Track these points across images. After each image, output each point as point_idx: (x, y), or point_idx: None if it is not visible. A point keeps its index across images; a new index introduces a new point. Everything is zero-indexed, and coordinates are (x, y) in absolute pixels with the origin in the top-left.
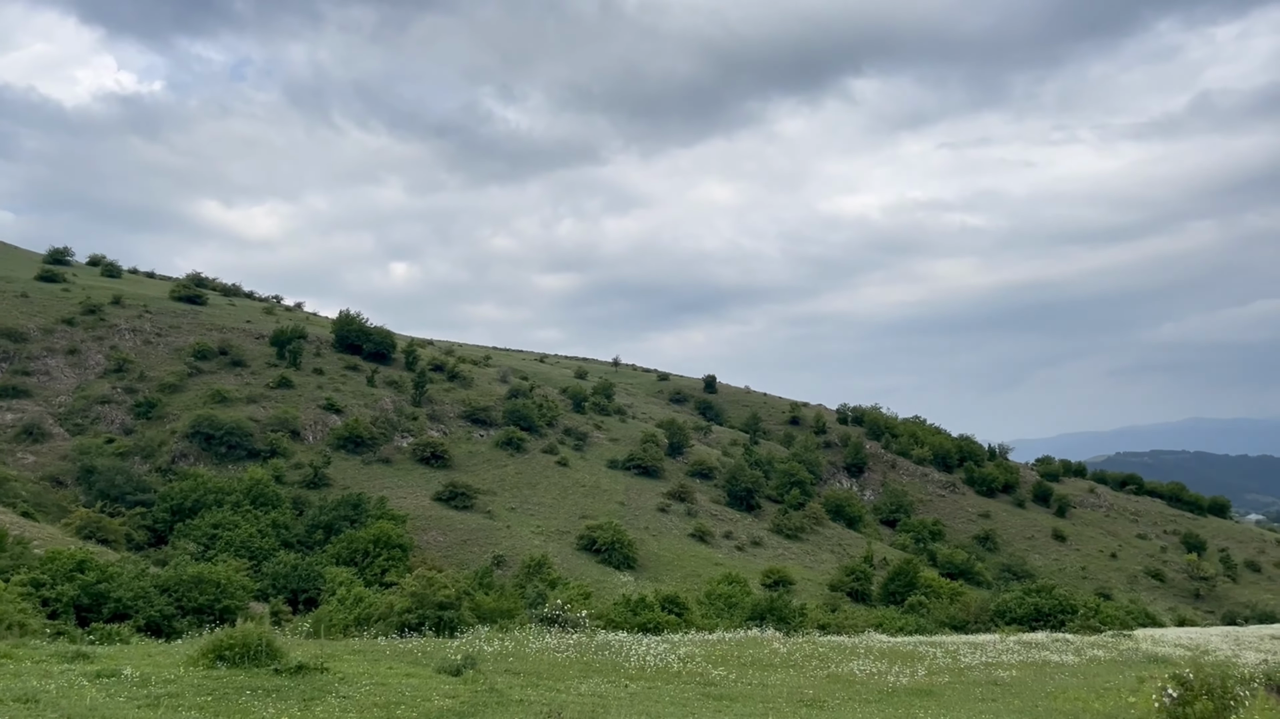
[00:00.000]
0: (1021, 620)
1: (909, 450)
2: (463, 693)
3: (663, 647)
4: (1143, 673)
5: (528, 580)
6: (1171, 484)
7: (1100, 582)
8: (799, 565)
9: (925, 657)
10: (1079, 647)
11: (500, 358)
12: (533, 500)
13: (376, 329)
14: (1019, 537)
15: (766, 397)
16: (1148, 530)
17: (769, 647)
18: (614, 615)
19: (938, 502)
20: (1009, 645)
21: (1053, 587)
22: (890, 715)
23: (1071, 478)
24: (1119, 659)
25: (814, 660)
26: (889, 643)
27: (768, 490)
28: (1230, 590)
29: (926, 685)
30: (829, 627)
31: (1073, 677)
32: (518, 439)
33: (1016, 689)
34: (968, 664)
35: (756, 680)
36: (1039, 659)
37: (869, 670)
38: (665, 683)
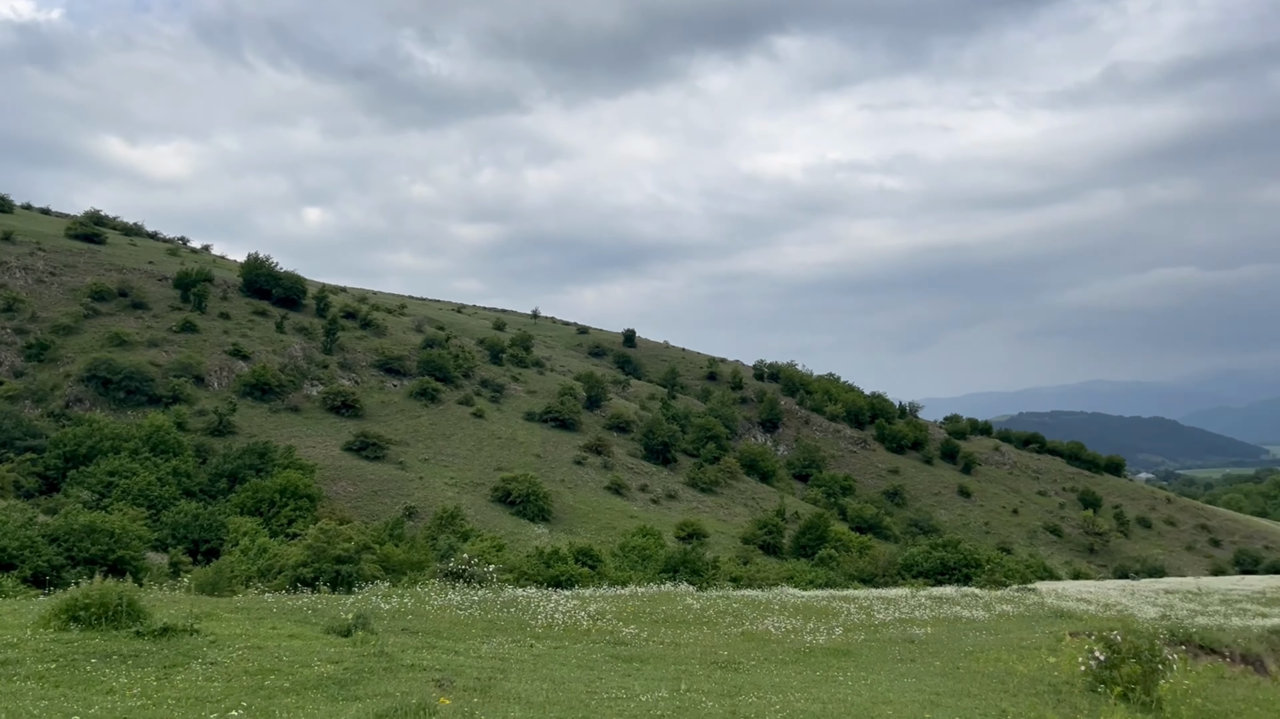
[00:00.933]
0: (928, 574)
1: (823, 407)
2: (348, 657)
3: (572, 603)
4: (1052, 629)
5: (440, 532)
6: (1071, 443)
7: (1002, 536)
8: (713, 519)
9: (839, 613)
10: (988, 602)
11: (416, 307)
12: (447, 452)
13: (287, 274)
14: (926, 492)
15: (685, 352)
16: (1048, 488)
17: (682, 602)
18: (527, 568)
19: (849, 457)
20: (921, 601)
21: (958, 541)
22: (807, 678)
23: (978, 436)
24: (1027, 614)
25: (728, 617)
26: (803, 598)
27: (684, 444)
28: (1122, 545)
29: (843, 644)
30: (741, 579)
31: (987, 634)
32: (432, 390)
33: (934, 648)
34: (882, 620)
35: (669, 639)
36: (951, 615)
37: (784, 628)
38: (573, 642)
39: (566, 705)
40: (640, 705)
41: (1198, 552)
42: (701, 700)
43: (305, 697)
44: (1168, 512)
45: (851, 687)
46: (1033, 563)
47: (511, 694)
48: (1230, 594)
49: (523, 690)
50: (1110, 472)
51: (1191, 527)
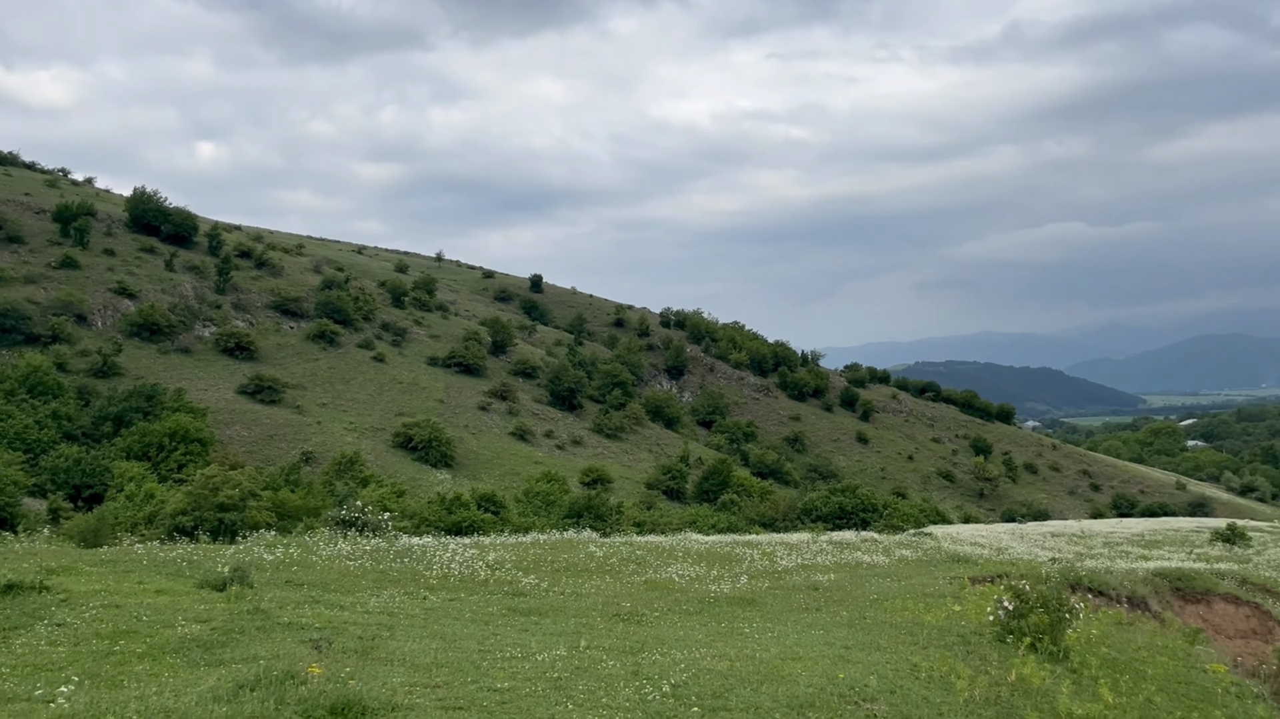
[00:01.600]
0: (827, 519)
1: (727, 355)
2: (218, 615)
3: (470, 552)
4: (951, 573)
5: (338, 478)
6: (965, 392)
7: (897, 482)
8: (618, 464)
9: (743, 559)
10: (886, 546)
11: (315, 248)
12: (346, 396)
13: (177, 210)
14: (826, 439)
15: (592, 298)
16: (942, 435)
17: (585, 550)
18: (428, 514)
19: (752, 404)
20: (822, 546)
21: (856, 486)
22: (712, 630)
23: (876, 385)
24: (924, 559)
25: (631, 564)
26: (706, 544)
27: (590, 390)
28: (1010, 490)
29: (748, 593)
30: (645, 525)
31: (889, 580)
32: (331, 332)
33: (838, 596)
34: (785, 567)
35: (570, 589)
36: (852, 560)
37: (688, 575)
38: (469, 594)
39: (455, 668)
40: (536, 666)
41: (1079, 496)
42: (602, 659)
43: (161, 663)
44: (1053, 458)
45: (758, 640)
46: (926, 507)
47: (395, 655)
48: (1112, 537)
49: (409, 650)
50: (1001, 420)
51: (1074, 472)
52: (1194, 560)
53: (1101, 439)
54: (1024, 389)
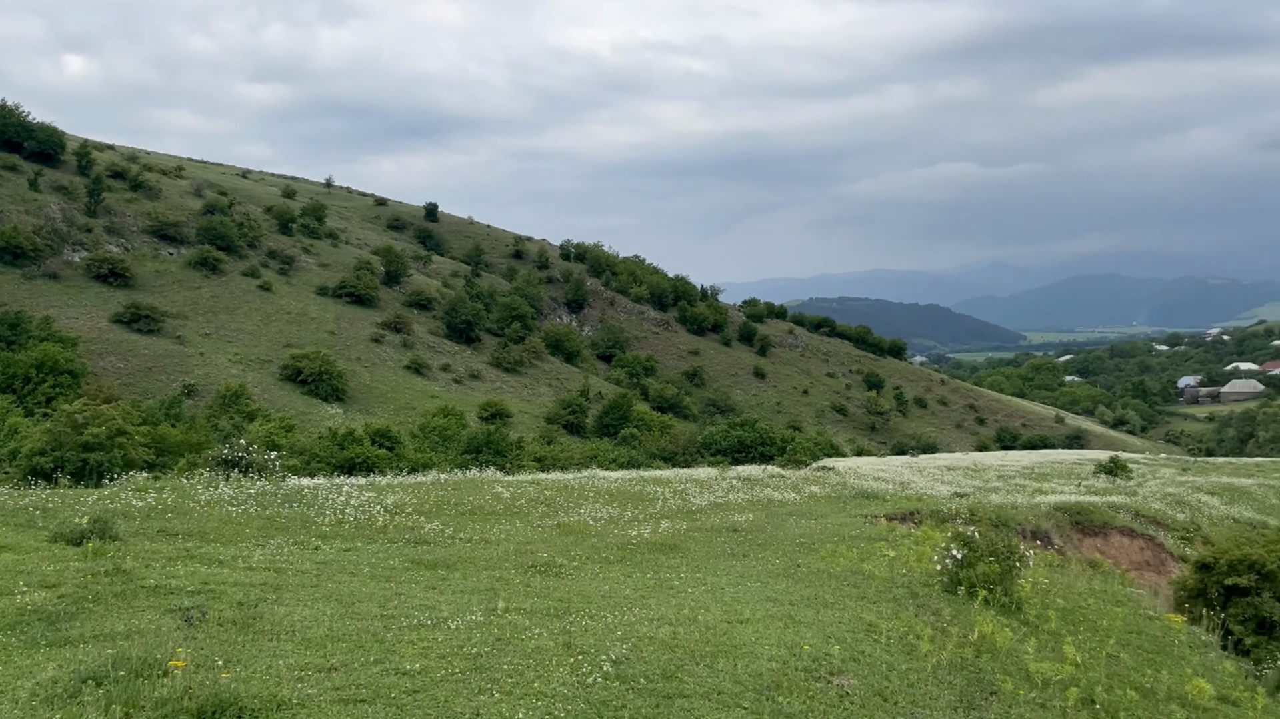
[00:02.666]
0: (727, 452)
1: (628, 289)
2: (70, 577)
3: (366, 494)
4: (863, 511)
5: (222, 412)
6: (859, 328)
7: (793, 415)
8: (517, 398)
9: (655, 498)
10: (794, 482)
11: (196, 170)
12: (230, 327)
13: (42, 126)
14: (724, 373)
15: (490, 229)
16: (836, 369)
17: (490, 490)
18: (319, 450)
19: (652, 339)
20: (732, 483)
21: (755, 420)
22: (640, 583)
23: (774, 320)
24: (834, 495)
25: (540, 506)
26: (614, 481)
27: (488, 323)
28: (901, 423)
29: (669, 538)
30: (546, 459)
31: (806, 520)
32: (214, 259)
33: (761, 539)
34: (699, 506)
35: (478, 535)
36: (764, 498)
37: (601, 517)
38: (367, 542)
39: (354, 641)
40: (450, 636)
41: (965, 429)
42: (525, 626)
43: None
44: (941, 392)
45: (693, 595)
46: (821, 440)
47: (283, 626)
48: (1004, 469)
49: (299, 619)
50: (893, 355)
51: (961, 406)
52: (1083, 493)
53: (986, 374)
54: (913, 325)
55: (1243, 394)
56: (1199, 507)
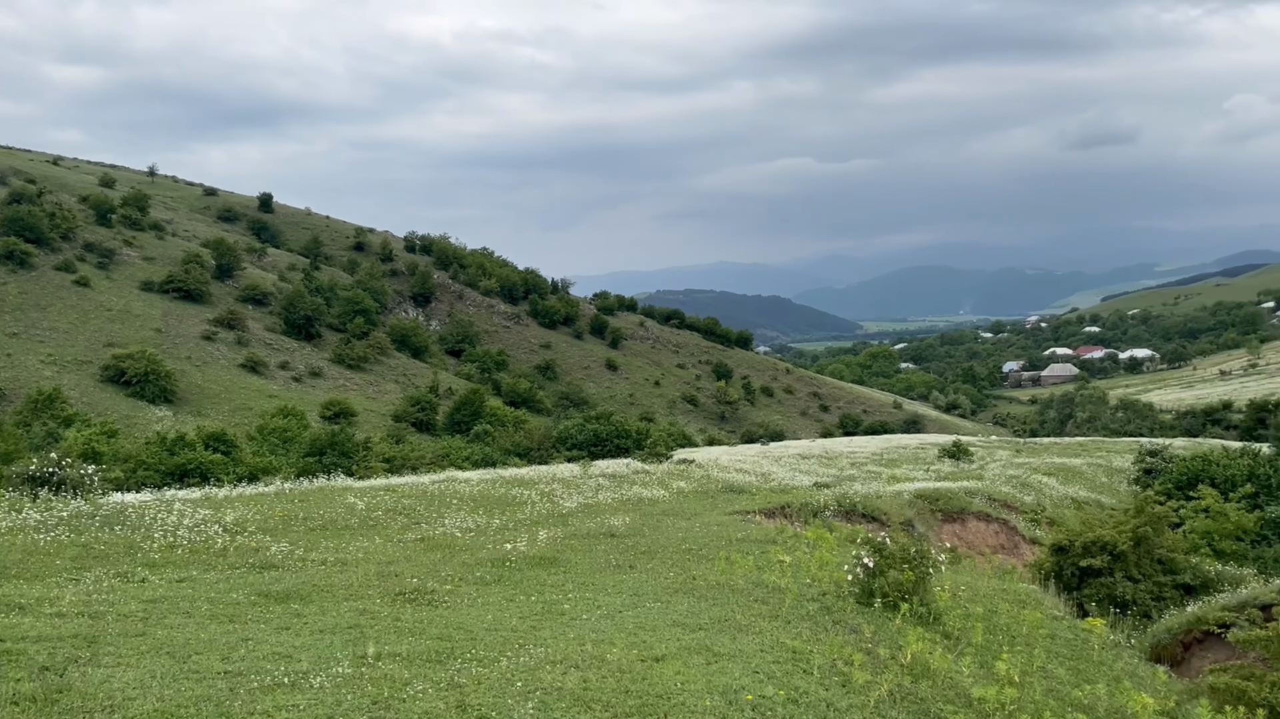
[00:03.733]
0: (582, 446)
1: (477, 281)
2: None
3: (203, 511)
4: (735, 506)
5: (35, 418)
6: (707, 319)
7: (645, 407)
8: (362, 396)
9: (522, 502)
10: (660, 478)
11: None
12: (43, 325)
13: None
14: (577, 366)
15: (330, 220)
16: (686, 360)
17: (342, 500)
18: (146, 456)
19: (503, 332)
20: (599, 482)
21: (610, 413)
22: (525, 608)
23: (624, 312)
24: (702, 490)
25: (399, 517)
26: (476, 484)
27: (329, 318)
28: (749, 412)
29: (547, 550)
30: (395, 460)
31: (682, 520)
32: (21, 253)
33: (644, 545)
34: (569, 509)
35: (333, 555)
36: (634, 497)
37: (468, 528)
38: (205, 570)
39: (192, 716)
40: (314, 700)
41: (810, 416)
42: (405, 679)
43: None
44: (787, 381)
45: (589, 622)
46: (674, 431)
47: (98, 699)
48: (855, 457)
49: (119, 685)
50: (740, 346)
51: (806, 394)
52: (932, 477)
53: (827, 363)
54: (756, 316)
55: (1060, 377)
56: (1040, 488)
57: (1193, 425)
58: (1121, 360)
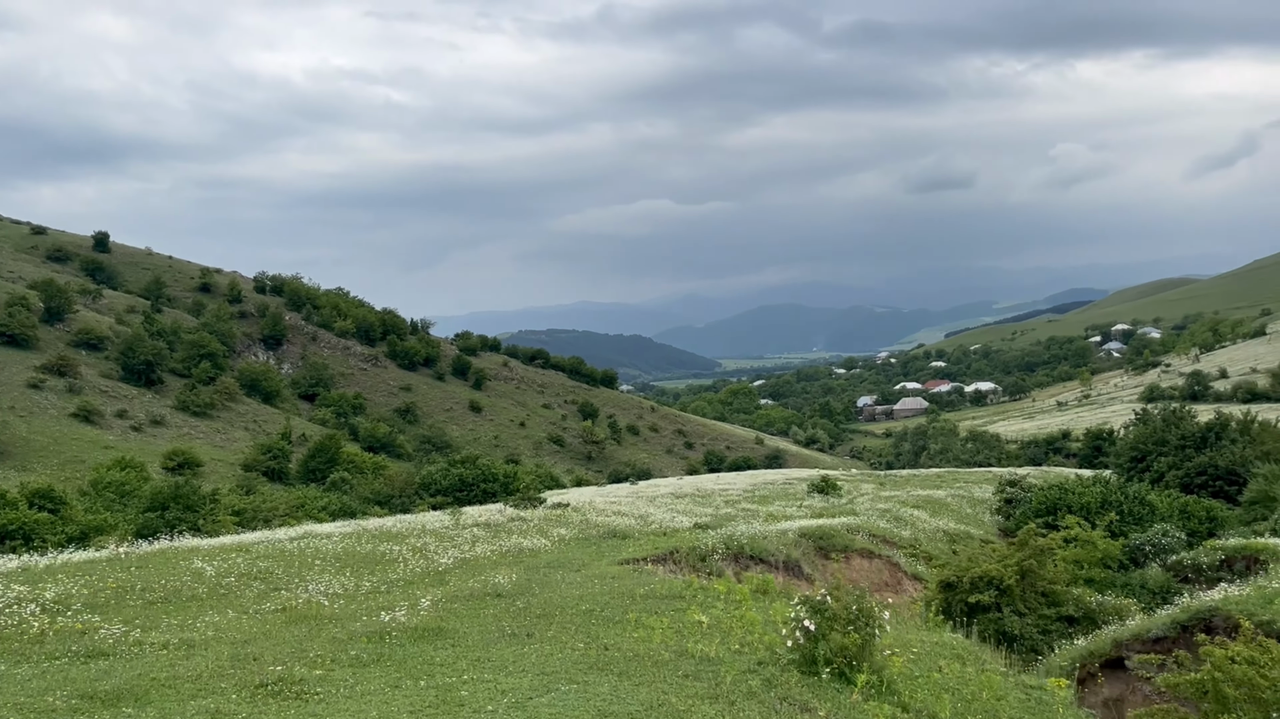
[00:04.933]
0: (447, 492)
1: (331, 323)
2: None
3: (17, 587)
4: (622, 554)
5: None
6: (572, 358)
7: (511, 449)
8: (209, 445)
9: (393, 560)
10: (538, 525)
11: None
12: None
13: None
14: (439, 409)
15: (173, 260)
16: (551, 400)
17: (188, 565)
18: None
19: (360, 375)
20: (473, 532)
21: (476, 457)
22: (415, 698)
23: (488, 353)
24: (584, 537)
25: (255, 583)
26: (339, 540)
27: (173, 363)
28: (616, 451)
29: (431, 620)
30: (246, 513)
31: (572, 573)
32: None
33: (539, 608)
34: (446, 566)
35: (176, 635)
36: (514, 548)
37: (336, 593)
38: (14, 664)
39: None
40: None
41: (676, 454)
42: None
43: None
44: (652, 419)
45: (496, 715)
46: (540, 472)
47: None
48: (727, 494)
49: None
50: (605, 385)
51: (671, 432)
52: (805, 513)
53: (689, 400)
54: (619, 355)
55: (911, 410)
56: (913, 521)
57: (1036, 454)
58: (967, 393)
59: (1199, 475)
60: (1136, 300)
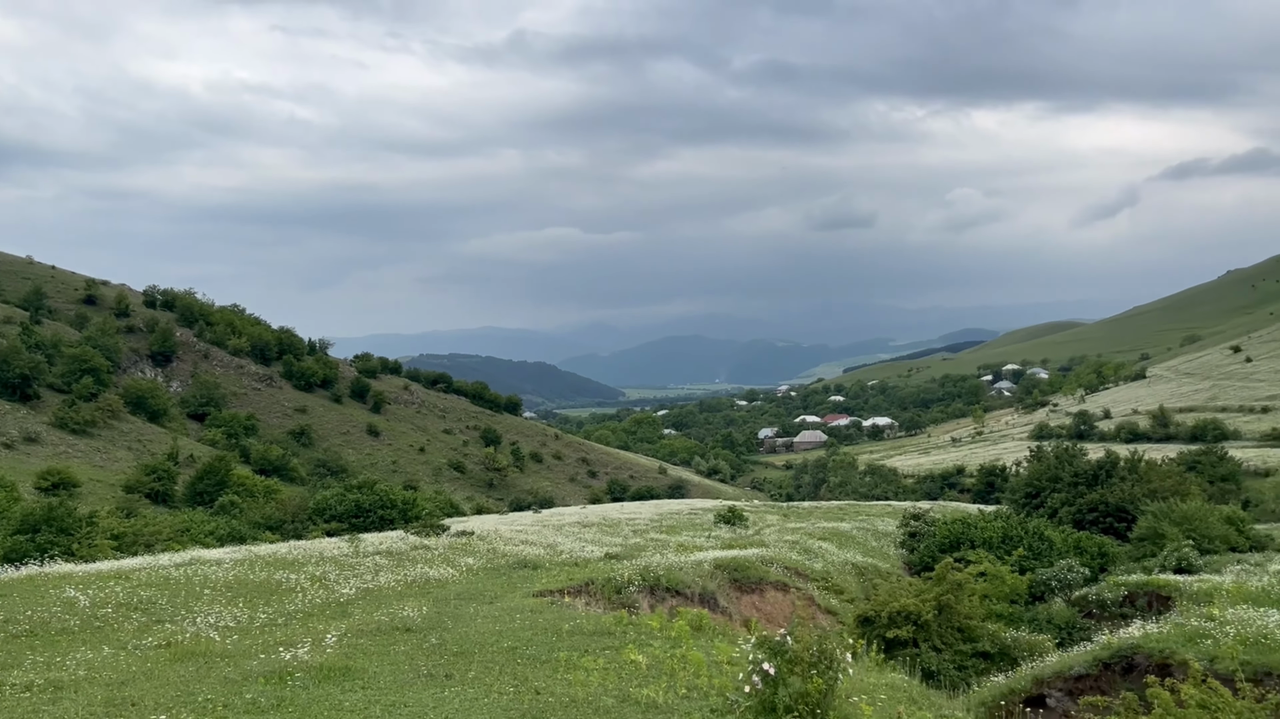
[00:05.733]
0: (342, 518)
1: (225, 340)
2: None
3: None
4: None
5: None
6: (475, 383)
7: (409, 474)
8: (88, 465)
9: (291, 588)
10: (444, 554)
11: None
12: None
13: None
14: (335, 432)
15: (56, 270)
16: (453, 426)
17: (58, 593)
18: None
19: (254, 395)
20: (375, 561)
21: (374, 482)
22: None
23: (388, 375)
24: (493, 567)
25: (135, 613)
26: (229, 567)
27: (51, 378)
28: (518, 479)
29: (337, 658)
30: (126, 537)
31: (486, 605)
32: None
33: (455, 644)
34: (348, 596)
35: (42, 675)
36: (421, 577)
37: (228, 626)
38: None
39: None
40: None
41: (579, 483)
42: None
43: None
44: (556, 447)
45: None
46: (440, 499)
47: None
48: (635, 523)
49: None
50: (509, 411)
51: (575, 460)
52: (715, 544)
53: (593, 429)
54: (522, 382)
55: (811, 443)
56: (821, 553)
57: (932, 489)
58: (865, 427)
59: (1090, 512)
60: (1026, 341)
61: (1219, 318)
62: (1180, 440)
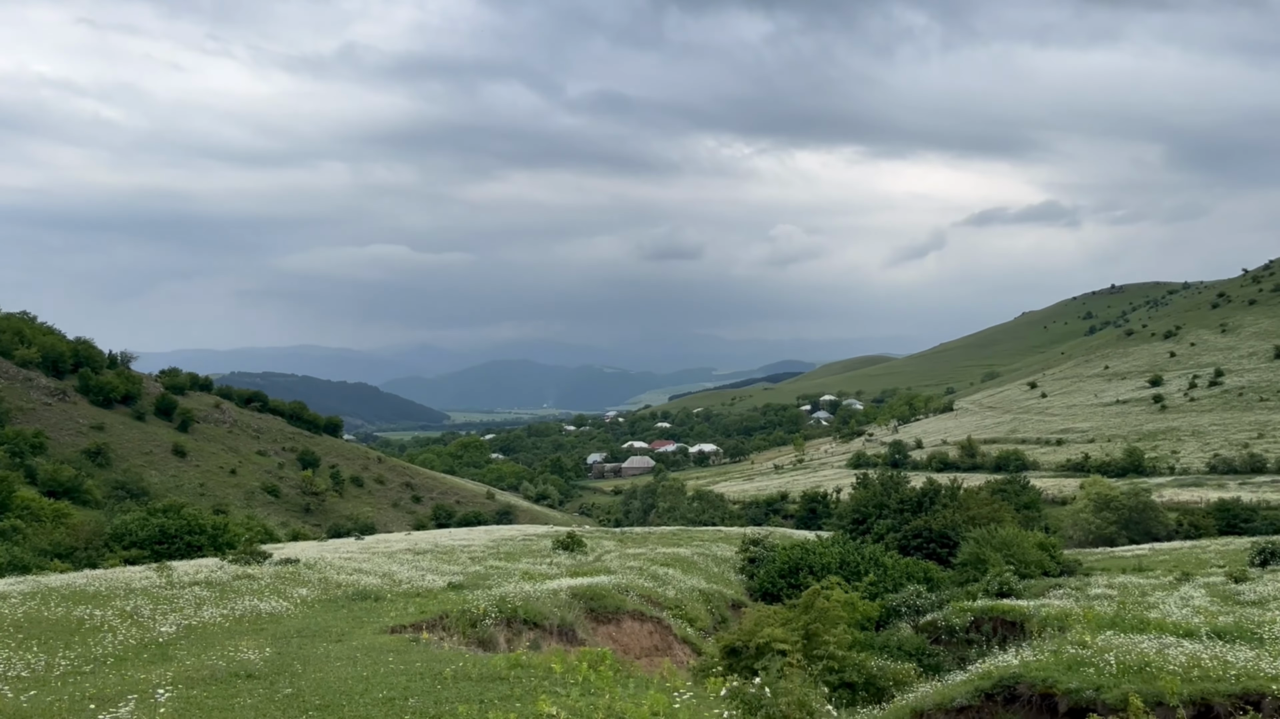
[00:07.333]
0: (145, 544)
1: (12, 350)
2: None
3: None
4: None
5: None
6: (294, 403)
7: (219, 498)
8: None
9: (97, 626)
10: (272, 584)
11: None
12: None
13: None
14: (136, 452)
15: None
16: (268, 447)
17: None
18: None
19: (44, 410)
20: (196, 592)
21: (181, 505)
22: None
23: (198, 392)
24: (328, 598)
25: None
26: (17, 600)
27: None
28: (337, 504)
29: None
30: None
31: (336, 644)
32: None
33: (316, 697)
34: (169, 635)
35: None
36: (251, 611)
37: (19, 677)
38: None
39: None
40: None
41: (403, 508)
42: None
43: None
44: (378, 471)
45: None
46: (253, 525)
47: None
48: (471, 550)
49: None
50: (329, 433)
51: (398, 485)
52: (561, 571)
53: (418, 453)
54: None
55: (639, 469)
56: (670, 580)
57: (757, 515)
58: (691, 454)
59: (915, 538)
60: (841, 374)
61: (1016, 356)
62: (986, 470)
